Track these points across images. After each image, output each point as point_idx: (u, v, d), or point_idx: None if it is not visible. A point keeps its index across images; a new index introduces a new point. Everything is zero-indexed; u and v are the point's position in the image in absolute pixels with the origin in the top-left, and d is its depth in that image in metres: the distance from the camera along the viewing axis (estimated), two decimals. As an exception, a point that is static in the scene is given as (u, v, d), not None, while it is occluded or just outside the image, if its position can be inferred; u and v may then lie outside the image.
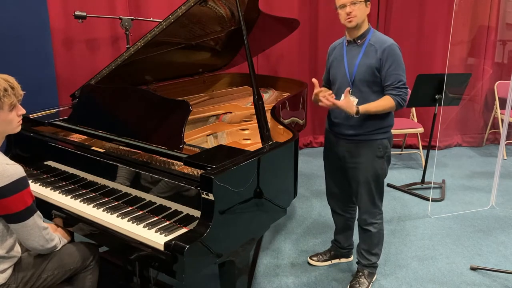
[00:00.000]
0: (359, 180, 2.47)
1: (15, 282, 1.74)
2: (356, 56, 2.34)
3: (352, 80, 2.35)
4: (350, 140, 2.44)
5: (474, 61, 5.23)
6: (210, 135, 2.59)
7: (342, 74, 2.38)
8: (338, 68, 2.41)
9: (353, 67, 2.34)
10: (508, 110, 3.46)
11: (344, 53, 2.39)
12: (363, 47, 2.34)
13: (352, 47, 2.38)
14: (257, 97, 2.14)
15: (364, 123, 2.37)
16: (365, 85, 2.33)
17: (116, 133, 2.19)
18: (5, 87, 1.67)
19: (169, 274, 1.65)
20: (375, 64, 2.29)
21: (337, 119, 2.45)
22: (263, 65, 4.87)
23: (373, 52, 2.30)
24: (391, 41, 2.32)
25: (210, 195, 1.68)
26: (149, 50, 2.64)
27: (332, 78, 2.48)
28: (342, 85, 2.38)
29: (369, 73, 2.31)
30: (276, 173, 2.05)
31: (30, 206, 1.68)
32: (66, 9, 3.92)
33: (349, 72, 2.35)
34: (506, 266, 2.87)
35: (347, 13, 2.26)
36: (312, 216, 3.56)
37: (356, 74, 2.33)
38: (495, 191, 3.67)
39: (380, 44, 2.30)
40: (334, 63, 2.44)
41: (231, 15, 2.87)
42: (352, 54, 2.36)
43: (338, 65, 2.41)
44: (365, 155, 2.42)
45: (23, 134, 2.41)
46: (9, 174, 1.61)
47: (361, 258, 2.64)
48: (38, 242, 1.73)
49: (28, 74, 3.37)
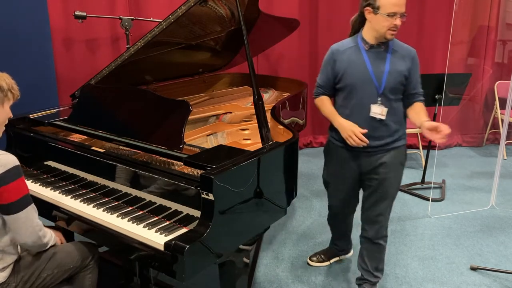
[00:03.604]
0: (387, 193, 2.32)
1: (15, 281, 1.74)
2: (383, 62, 2.17)
3: (382, 88, 2.17)
4: (374, 152, 2.26)
5: (474, 61, 5.23)
6: (210, 135, 2.59)
7: (366, 81, 2.17)
8: (357, 75, 2.18)
9: (382, 74, 2.16)
10: (508, 110, 3.46)
11: (366, 58, 2.18)
12: (388, 54, 2.18)
13: (374, 53, 2.19)
14: (257, 97, 2.14)
15: (391, 131, 2.24)
16: (392, 93, 2.19)
17: (116, 133, 2.19)
18: (12, 86, 1.72)
19: (169, 274, 1.64)
20: (405, 71, 2.18)
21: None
22: (263, 65, 4.87)
23: (400, 59, 2.19)
24: (413, 49, 2.25)
25: (210, 195, 1.68)
26: (149, 50, 2.64)
27: (345, 84, 2.22)
28: (366, 94, 2.18)
29: (398, 81, 2.18)
30: (276, 173, 2.05)
31: (25, 196, 1.67)
32: (66, 9, 3.92)
33: (377, 79, 2.16)
34: (506, 266, 2.87)
35: (395, 24, 2.07)
36: (312, 216, 3.56)
37: (386, 82, 2.16)
38: (495, 191, 3.68)
39: (407, 51, 2.20)
40: (350, 69, 2.19)
41: (231, 15, 2.87)
42: (376, 60, 2.18)
43: (358, 71, 2.18)
44: (392, 165, 2.28)
45: (23, 134, 2.41)
46: (2, 164, 1.61)
47: (369, 277, 2.50)
48: (30, 237, 1.71)
49: (28, 74, 3.37)
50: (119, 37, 4.16)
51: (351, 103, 2.21)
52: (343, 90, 2.24)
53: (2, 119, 1.74)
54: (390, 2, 2.05)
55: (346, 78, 2.20)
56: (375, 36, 2.16)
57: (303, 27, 4.58)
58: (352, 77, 2.19)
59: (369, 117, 2.19)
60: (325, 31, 4.93)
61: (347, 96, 2.23)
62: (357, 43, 2.22)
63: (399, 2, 2.06)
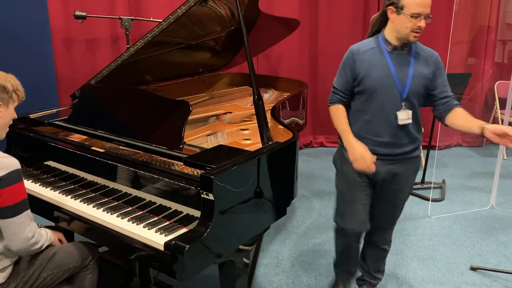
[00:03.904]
0: (400, 201, 2.25)
1: (15, 281, 1.74)
2: (406, 65, 2.04)
3: (406, 92, 2.04)
4: (395, 160, 2.12)
5: (474, 61, 5.23)
6: (210, 135, 2.59)
7: (389, 85, 2.03)
8: (379, 78, 2.03)
9: (406, 77, 2.03)
10: (508, 110, 3.46)
11: (389, 61, 2.04)
12: (411, 56, 2.06)
13: (398, 55, 2.05)
14: (257, 97, 2.14)
15: (413, 139, 2.12)
16: (416, 97, 2.07)
17: (116, 133, 2.19)
18: (17, 87, 1.72)
19: (169, 274, 1.64)
20: (429, 75, 2.06)
21: (385, 138, 2.08)
22: (263, 65, 4.87)
23: (424, 61, 2.06)
24: (435, 52, 2.14)
25: (210, 195, 1.68)
26: (149, 50, 2.64)
27: (365, 87, 2.06)
28: (388, 98, 2.03)
29: (423, 85, 2.06)
30: (276, 173, 2.05)
31: (22, 201, 1.66)
32: (66, 9, 3.92)
33: (400, 83, 2.02)
34: (506, 266, 2.87)
35: (419, 26, 1.94)
36: (312, 216, 3.56)
37: (411, 85, 2.03)
38: (495, 191, 3.68)
39: (429, 54, 2.09)
40: (372, 71, 2.03)
41: (231, 15, 2.87)
42: (400, 63, 2.04)
43: (380, 74, 2.03)
44: (409, 174, 2.19)
45: (23, 134, 2.41)
46: (4, 166, 1.60)
47: (370, 278, 2.49)
48: (22, 244, 1.68)
49: (28, 74, 3.36)
50: (119, 37, 4.16)
51: (371, 108, 2.07)
52: (363, 93, 2.08)
53: (6, 120, 1.74)
54: (414, 2, 1.92)
55: (366, 80, 2.04)
56: (397, 37, 2.03)
57: (303, 27, 4.58)
58: (374, 79, 2.03)
59: (391, 123, 2.06)
60: (325, 31, 4.93)
61: (367, 99, 2.07)
62: (379, 44, 2.07)
63: (424, 2, 1.93)
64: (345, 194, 2.23)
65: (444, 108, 2.10)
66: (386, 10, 2.05)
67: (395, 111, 2.04)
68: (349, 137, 2.10)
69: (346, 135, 2.12)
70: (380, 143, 2.08)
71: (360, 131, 2.10)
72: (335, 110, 2.19)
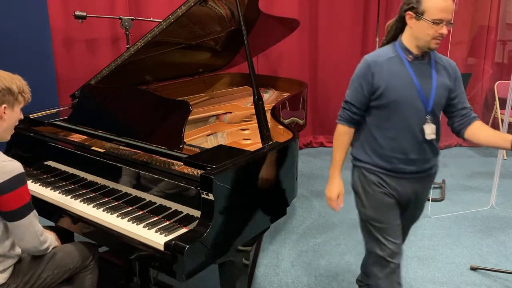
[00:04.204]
0: (418, 217, 2.18)
1: (15, 282, 1.74)
2: (429, 76, 1.89)
3: (431, 105, 1.88)
4: (421, 177, 1.98)
5: (474, 61, 5.23)
6: (210, 135, 2.59)
7: (413, 97, 1.86)
8: (403, 90, 1.85)
9: (430, 89, 1.88)
10: (508, 110, 3.46)
11: (411, 71, 1.87)
12: (432, 65, 1.91)
13: (418, 64, 1.88)
14: (257, 97, 2.14)
15: (436, 152, 1.99)
16: (439, 110, 1.93)
17: (116, 133, 2.19)
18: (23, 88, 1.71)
19: (169, 274, 1.64)
20: (450, 85, 1.93)
21: (412, 155, 1.91)
22: (263, 65, 4.87)
23: (444, 71, 1.92)
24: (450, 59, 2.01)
25: (210, 195, 1.68)
26: (149, 50, 2.64)
27: (388, 101, 1.86)
28: (412, 112, 1.87)
29: (445, 96, 1.92)
30: (276, 173, 2.05)
31: (28, 204, 1.66)
32: (66, 9, 3.92)
33: (424, 95, 1.87)
34: (506, 266, 2.87)
35: (440, 33, 1.79)
36: (312, 216, 3.56)
37: (435, 97, 1.88)
38: (495, 191, 3.67)
39: (447, 63, 1.95)
40: (394, 83, 1.85)
41: (231, 15, 2.87)
42: (422, 74, 1.88)
43: (403, 86, 1.85)
44: (428, 189, 2.08)
45: (23, 134, 2.41)
46: (7, 170, 1.60)
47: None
48: (32, 243, 1.71)
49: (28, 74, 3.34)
50: (119, 37, 4.16)
51: (395, 124, 1.88)
52: (384, 108, 1.88)
53: (12, 122, 1.72)
54: (437, 7, 1.75)
55: (388, 94, 1.85)
56: (416, 45, 1.86)
57: (303, 27, 4.58)
58: (397, 93, 1.85)
59: (417, 138, 1.90)
60: (325, 31, 4.93)
61: (390, 115, 1.88)
62: (398, 53, 1.89)
63: (447, 7, 1.77)
64: (377, 219, 1.97)
65: (463, 121, 1.98)
66: (403, 15, 1.87)
67: (421, 125, 1.88)
68: (336, 172, 2.04)
69: (336, 168, 2.04)
70: (408, 160, 1.91)
71: (382, 149, 1.92)
72: (342, 135, 2.00)
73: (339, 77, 5.08)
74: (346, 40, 4.96)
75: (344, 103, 1.97)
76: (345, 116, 1.97)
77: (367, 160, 1.96)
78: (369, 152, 1.95)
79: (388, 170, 1.93)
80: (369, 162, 1.96)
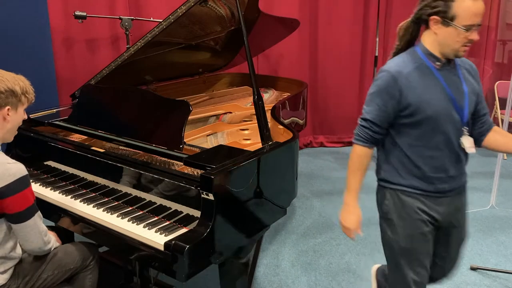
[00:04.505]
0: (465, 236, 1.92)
1: (16, 283, 1.74)
2: (459, 83, 1.70)
3: (466, 115, 1.70)
4: (459, 191, 1.81)
5: (474, 61, 5.20)
6: (210, 135, 2.59)
7: (449, 110, 1.66)
8: (439, 103, 1.65)
9: (462, 98, 1.69)
10: (508, 110, 3.46)
11: (441, 80, 1.67)
12: (458, 71, 1.72)
13: (447, 72, 1.69)
14: (257, 97, 2.14)
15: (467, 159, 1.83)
16: (470, 118, 1.76)
17: (116, 133, 2.20)
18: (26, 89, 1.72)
19: (169, 274, 1.65)
20: (478, 89, 1.76)
21: (452, 172, 1.74)
22: (263, 65, 4.87)
23: (468, 74, 1.75)
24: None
25: (210, 195, 1.68)
26: (149, 50, 2.64)
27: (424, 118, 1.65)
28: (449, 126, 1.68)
29: (475, 102, 1.75)
30: (276, 173, 2.05)
31: (32, 205, 1.67)
32: (66, 9, 3.92)
33: (459, 105, 1.68)
34: (506, 266, 2.87)
35: (471, 39, 1.60)
36: (312, 216, 3.56)
37: (469, 105, 1.71)
38: (495, 191, 3.67)
39: (468, 64, 1.78)
40: (429, 97, 1.64)
41: (231, 15, 2.88)
42: (452, 81, 1.69)
43: (437, 98, 1.65)
44: (466, 201, 1.89)
45: (23, 134, 2.41)
46: (11, 173, 1.60)
47: None
48: (37, 244, 1.72)
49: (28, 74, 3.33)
50: (119, 37, 4.16)
51: (433, 141, 1.68)
52: (418, 125, 1.67)
53: (16, 123, 1.72)
54: (470, 11, 1.56)
55: (423, 110, 1.64)
56: (441, 52, 1.66)
57: (303, 27, 4.58)
58: (432, 107, 1.64)
59: (456, 154, 1.74)
60: (325, 31, 4.93)
61: (426, 132, 1.67)
62: (422, 60, 1.68)
63: (480, 9, 1.58)
64: (410, 250, 1.76)
65: (483, 128, 1.84)
66: (423, 18, 1.66)
67: (458, 139, 1.71)
68: (352, 198, 1.79)
69: (352, 194, 1.78)
70: (448, 178, 1.73)
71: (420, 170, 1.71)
72: (361, 157, 1.75)
73: (339, 77, 5.08)
74: (346, 40, 4.96)
75: (363, 120, 1.72)
76: (365, 136, 1.72)
77: (403, 182, 1.74)
78: (405, 174, 1.73)
79: (428, 192, 1.73)
80: (405, 185, 1.74)
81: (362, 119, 1.73)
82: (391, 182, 1.77)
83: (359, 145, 1.74)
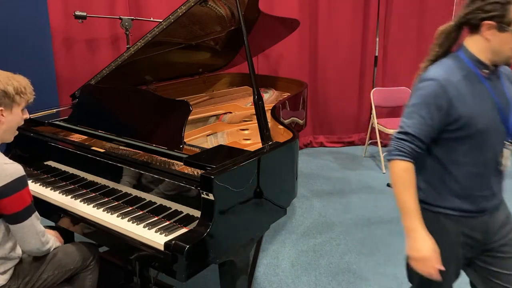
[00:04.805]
0: None
1: (16, 283, 1.74)
2: (502, 90, 1.56)
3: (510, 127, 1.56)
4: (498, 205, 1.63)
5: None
6: (210, 135, 2.59)
7: (496, 121, 1.52)
8: (489, 115, 1.51)
9: (508, 107, 1.54)
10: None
11: (490, 89, 1.53)
12: (500, 77, 1.59)
13: (493, 80, 1.55)
14: (257, 97, 2.14)
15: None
16: None
17: (116, 133, 2.20)
18: (21, 89, 1.70)
19: (169, 274, 1.65)
20: None
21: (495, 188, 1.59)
22: (263, 65, 4.87)
23: (507, 81, 1.61)
24: None
25: (210, 195, 1.68)
26: (149, 50, 2.64)
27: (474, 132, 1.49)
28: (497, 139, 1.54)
29: None
30: (276, 173, 2.05)
31: (29, 206, 1.67)
32: (66, 9, 3.92)
33: (505, 116, 1.53)
34: (506, 266, 2.87)
35: None
36: (312, 216, 3.56)
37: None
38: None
39: (506, 69, 1.64)
40: (481, 108, 1.49)
41: (231, 15, 2.88)
42: (498, 90, 1.55)
43: (487, 110, 1.50)
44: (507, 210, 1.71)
45: (23, 134, 2.40)
46: (8, 173, 1.60)
47: None
48: (34, 245, 1.72)
49: (28, 74, 3.34)
50: (119, 37, 4.16)
51: (481, 156, 1.53)
52: (467, 140, 1.51)
53: (13, 124, 1.71)
54: None
55: (475, 123, 1.48)
56: (492, 59, 1.51)
57: (303, 27, 4.58)
58: (484, 120, 1.49)
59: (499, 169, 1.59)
60: (325, 31, 4.93)
61: (476, 147, 1.52)
62: (469, 67, 1.52)
63: None
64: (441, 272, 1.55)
65: None
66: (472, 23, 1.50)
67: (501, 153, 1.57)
68: (416, 222, 1.54)
69: (413, 217, 1.55)
70: (492, 196, 1.59)
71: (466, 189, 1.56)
72: (406, 172, 1.52)
73: (339, 77, 5.08)
74: (346, 40, 4.96)
75: (403, 134, 1.52)
76: (407, 150, 1.51)
77: (442, 204, 1.59)
78: (446, 194, 1.57)
79: (471, 212, 1.57)
80: (446, 207, 1.58)
81: (402, 132, 1.53)
82: (430, 204, 1.61)
83: (401, 160, 1.52)
